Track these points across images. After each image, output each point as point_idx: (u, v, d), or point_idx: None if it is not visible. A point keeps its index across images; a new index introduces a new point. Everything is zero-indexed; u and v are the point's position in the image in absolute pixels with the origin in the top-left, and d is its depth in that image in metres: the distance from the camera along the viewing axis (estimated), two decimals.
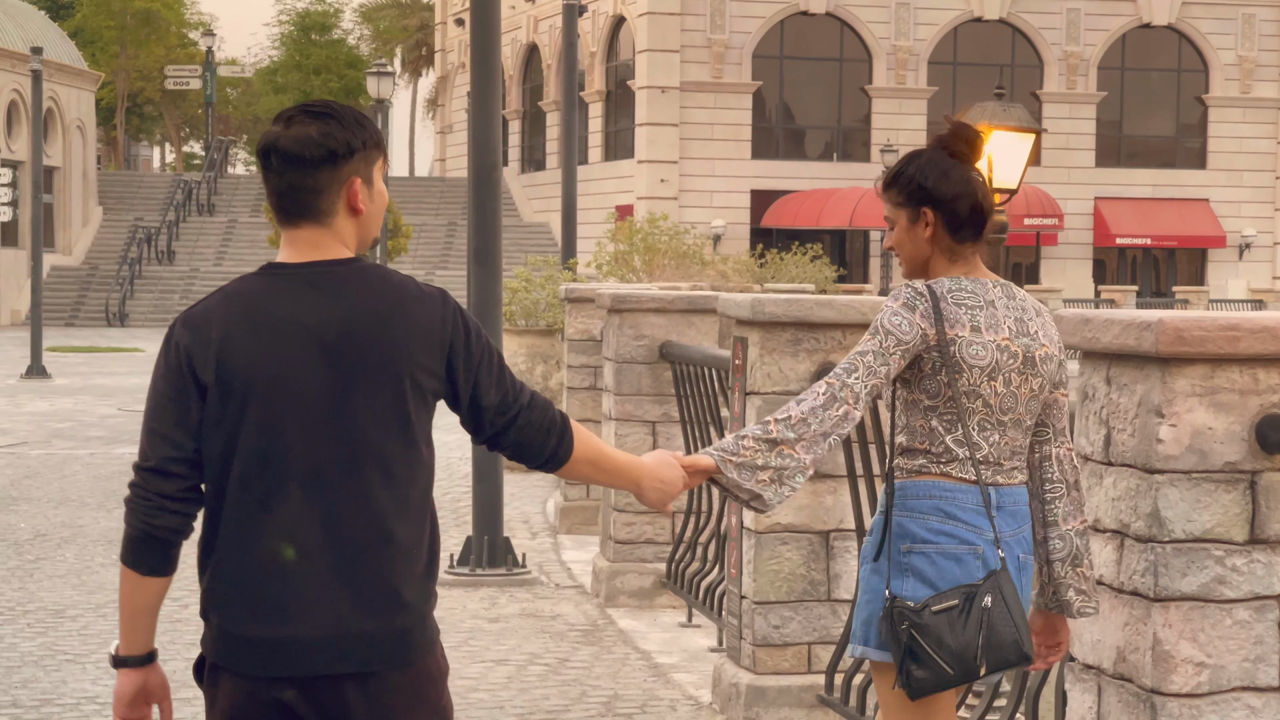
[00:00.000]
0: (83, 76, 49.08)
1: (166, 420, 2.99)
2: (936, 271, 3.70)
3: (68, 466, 14.24)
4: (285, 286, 3.00)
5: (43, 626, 7.79)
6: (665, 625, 7.89)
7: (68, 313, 43.62)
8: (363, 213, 3.06)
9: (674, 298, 8.32)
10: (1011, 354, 3.63)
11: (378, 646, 2.97)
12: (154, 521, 3.01)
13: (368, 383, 2.98)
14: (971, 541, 3.58)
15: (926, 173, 3.69)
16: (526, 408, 3.11)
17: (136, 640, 3.10)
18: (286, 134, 3.01)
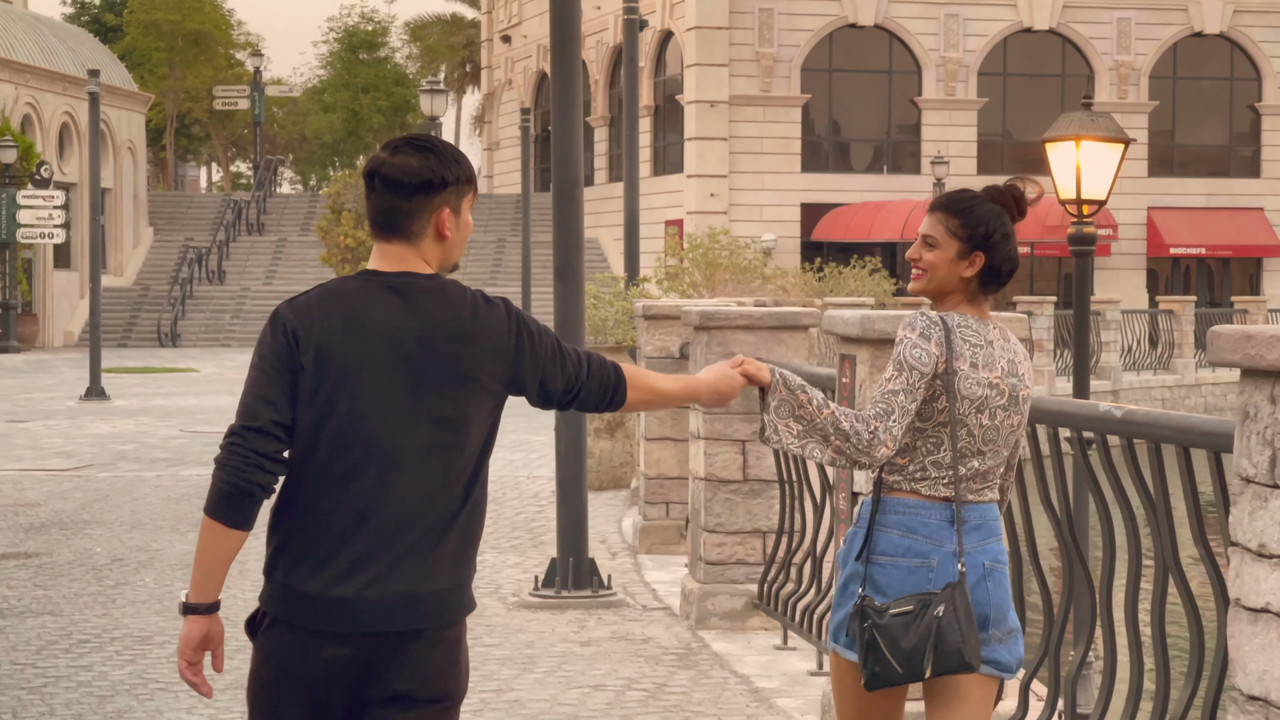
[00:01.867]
0: (133, 98, 49.36)
1: (273, 389, 3.34)
2: (953, 304, 3.98)
3: (136, 489, 14.20)
4: (376, 292, 3.40)
5: (131, 654, 7.70)
6: (760, 648, 7.75)
7: (120, 333, 43.80)
8: (448, 239, 3.46)
9: (763, 314, 8.19)
10: (1000, 391, 3.92)
11: (422, 609, 3.33)
12: (249, 477, 3.29)
13: (438, 383, 3.37)
14: (926, 555, 3.87)
15: (995, 226, 3.96)
16: (587, 378, 3.54)
17: (208, 589, 3.40)
18: (391, 161, 3.42)
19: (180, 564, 10.25)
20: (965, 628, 3.81)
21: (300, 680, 3.34)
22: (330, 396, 3.34)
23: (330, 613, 3.31)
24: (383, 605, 3.32)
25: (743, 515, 8.21)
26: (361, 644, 3.32)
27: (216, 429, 20.33)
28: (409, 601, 3.33)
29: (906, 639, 3.82)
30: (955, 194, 4.06)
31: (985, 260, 3.97)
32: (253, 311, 45.91)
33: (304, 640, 3.32)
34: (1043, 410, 5.01)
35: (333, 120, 61.58)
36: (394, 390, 3.36)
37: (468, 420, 3.40)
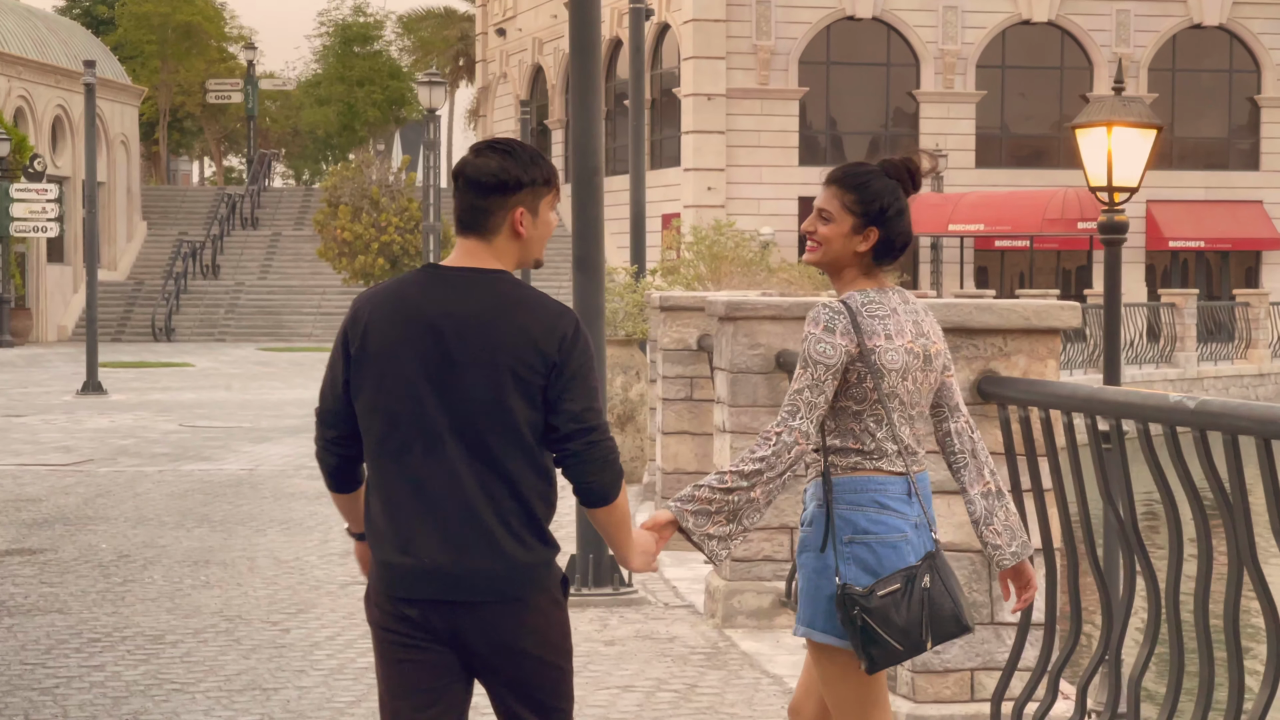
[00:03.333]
0: (126, 91, 49.05)
1: (328, 381, 3.73)
2: (849, 279, 4.07)
3: (138, 484, 13.98)
4: (430, 282, 3.66)
5: (144, 654, 7.49)
6: (790, 647, 7.54)
7: (114, 328, 43.52)
8: (523, 237, 3.68)
9: (790, 304, 7.98)
10: (915, 354, 4.04)
11: (482, 581, 3.59)
12: (321, 457, 3.79)
13: (474, 368, 3.59)
14: (903, 529, 3.99)
15: (890, 201, 4.03)
16: (596, 431, 3.60)
17: (354, 523, 3.86)
18: (473, 162, 3.67)
19: (188, 560, 10.04)
20: (955, 592, 3.97)
21: (388, 641, 3.66)
22: (374, 380, 3.63)
23: (398, 581, 3.62)
24: (441, 575, 3.59)
25: (770, 511, 8.00)
26: (430, 609, 3.61)
27: (216, 424, 20.12)
28: (467, 574, 3.60)
29: (900, 616, 3.91)
30: (851, 167, 4.09)
31: (879, 235, 4.03)
32: (247, 306, 45.66)
33: (386, 603, 3.65)
34: (1106, 401, 4.81)
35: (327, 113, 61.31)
36: (430, 373, 3.60)
37: (505, 406, 3.59)
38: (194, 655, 7.45)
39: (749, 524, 3.98)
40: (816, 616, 4.04)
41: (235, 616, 8.32)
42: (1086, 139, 9.43)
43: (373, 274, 34.24)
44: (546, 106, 53.62)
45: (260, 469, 15.20)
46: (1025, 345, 5.59)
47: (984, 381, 5.55)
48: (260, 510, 12.41)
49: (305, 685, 6.90)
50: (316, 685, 6.90)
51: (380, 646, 3.69)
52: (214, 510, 12.39)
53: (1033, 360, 5.59)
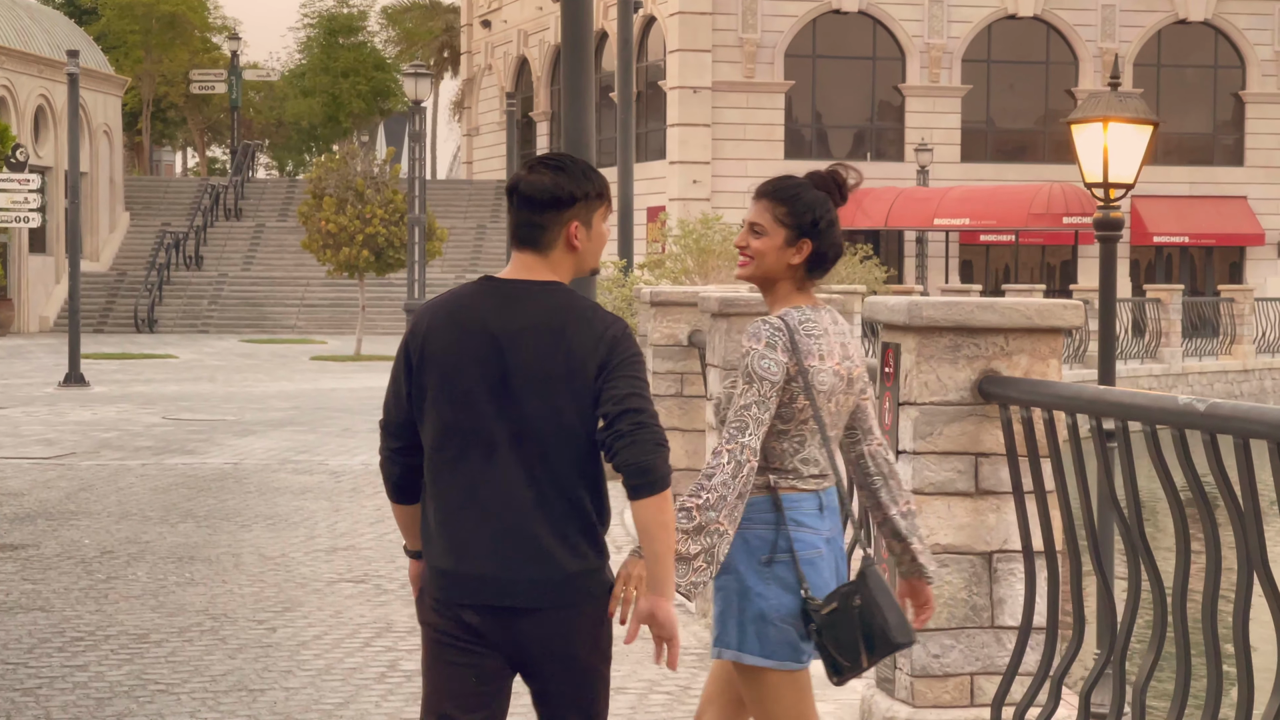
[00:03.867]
0: (109, 81, 48.80)
1: (390, 391, 3.81)
2: (783, 293, 4.09)
3: (122, 478, 13.85)
4: (486, 294, 3.74)
5: (128, 653, 7.37)
6: None
7: (96, 319, 43.31)
8: (578, 250, 3.76)
9: None
10: (840, 376, 4.07)
11: (535, 589, 3.65)
12: (387, 468, 3.85)
13: (531, 379, 3.66)
14: (818, 545, 4.05)
15: (821, 213, 4.07)
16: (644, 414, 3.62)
17: (413, 540, 3.92)
18: (527, 179, 3.75)
19: (172, 557, 9.92)
20: (885, 608, 3.97)
21: (442, 644, 3.74)
22: (435, 390, 3.72)
23: (453, 587, 3.71)
24: (494, 582, 3.67)
25: None
26: (487, 614, 3.68)
27: (200, 416, 19.99)
28: (520, 582, 3.67)
29: (842, 633, 3.97)
30: (780, 181, 4.12)
31: (812, 247, 4.06)
32: (230, 297, 45.47)
33: (442, 608, 3.73)
34: (1112, 403, 4.73)
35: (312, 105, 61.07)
36: (488, 384, 3.67)
37: (559, 415, 3.66)
38: (179, 655, 7.34)
39: (722, 556, 3.93)
40: (746, 639, 4.03)
41: (221, 615, 8.21)
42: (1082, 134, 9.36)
43: (357, 266, 34.08)
44: (531, 99, 53.47)
45: (245, 463, 15.08)
46: (1027, 345, 5.50)
47: (985, 381, 5.46)
48: (245, 505, 12.30)
49: (292, 686, 6.80)
50: (304, 686, 6.80)
51: (432, 648, 3.77)
52: (198, 505, 12.27)
53: (1035, 360, 5.51)
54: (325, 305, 45.01)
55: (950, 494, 5.53)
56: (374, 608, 8.43)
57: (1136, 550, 4.79)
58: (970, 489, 5.53)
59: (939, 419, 5.50)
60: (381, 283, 41.70)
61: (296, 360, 33.39)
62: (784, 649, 4.03)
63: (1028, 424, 5.27)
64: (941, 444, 5.51)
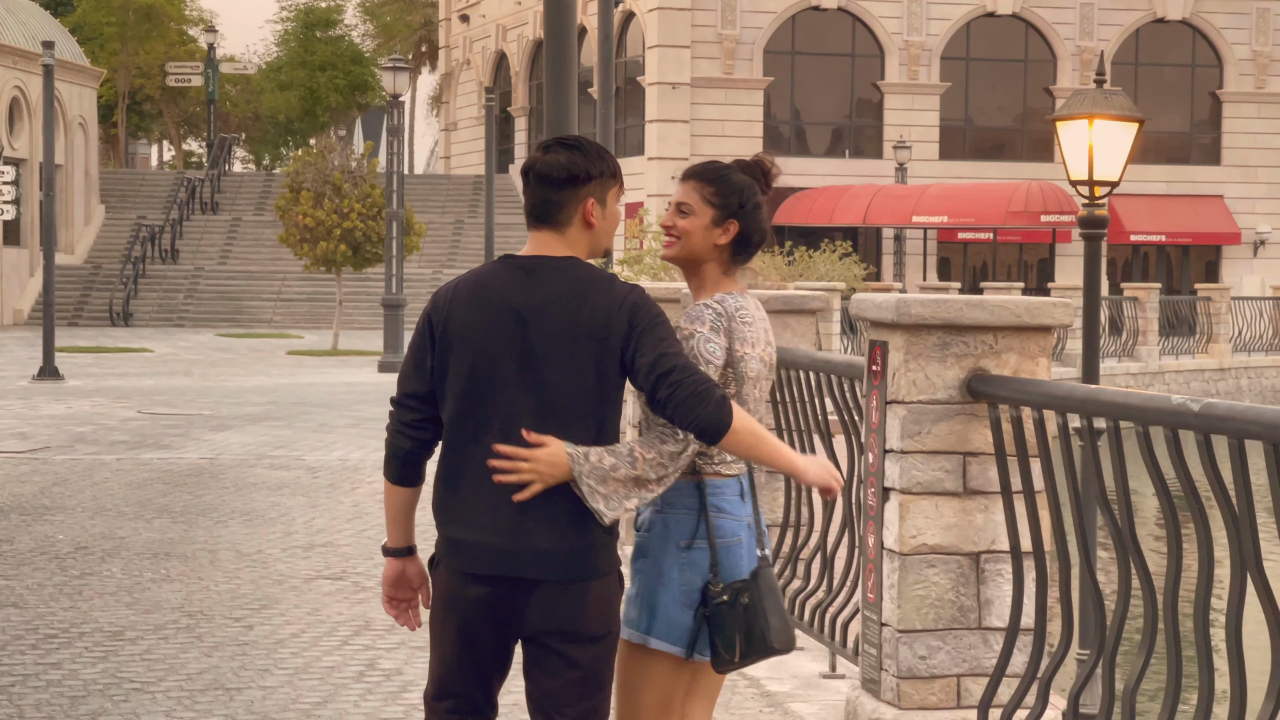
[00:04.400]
0: (85, 73, 48.53)
1: (410, 365, 3.87)
2: (709, 276, 4.11)
3: (96, 473, 13.74)
4: (507, 271, 3.84)
5: (102, 651, 7.28)
6: None
7: (71, 312, 43.08)
8: (595, 227, 3.86)
9: (769, 297, 7.82)
10: (765, 364, 4.14)
11: (547, 560, 3.72)
12: (396, 442, 3.89)
13: (554, 350, 3.74)
14: (738, 532, 4.04)
15: (748, 195, 4.10)
16: (676, 371, 3.69)
17: (396, 536, 3.97)
18: (543, 159, 3.84)
19: (148, 553, 9.82)
20: (770, 612, 3.95)
21: (454, 613, 3.81)
22: (458, 364, 3.79)
23: (468, 556, 3.77)
24: (508, 552, 3.74)
25: None
26: (499, 585, 3.75)
27: (176, 411, 19.86)
28: (533, 552, 3.73)
29: (726, 625, 3.97)
30: (708, 163, 4.16)
31: (738, 228, 4.09)
32: (207, 291, 45.26)
33: (455, 579, 3.80)
34: (1105, 403, 4.67)
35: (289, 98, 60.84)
36: (512, 356, 3.75)
37: (581, 388, 3.74)
38: (154, 653, 7.25)
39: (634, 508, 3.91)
40: (655, 624, 4.05)
41: (197, 612, 8.11)
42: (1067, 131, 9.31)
43: (334, 260, 33.93)
44: (510, 94, 53.34)
45: (221, 458, 14.97)
46: (1016, 343, 5.44)
47: (974, 380, 5.40)
48: (221, 501, 12.19)
49: (270, 685, 6.71)
50: (281, 685, 6.72)
51: (441, 620, 3.84)
52: (174, 501, 12.16)
53: (1024, 358, 5.44)
54: (302, 300, 44.84)
55: (938, 494, 5.46)
56: (352, 605, 8.35)
57: (1127, 550, 4.74)
58: (958, 489, 5.47)
59: (927, 418, 5.43)
60: (358, 277, 41.55)
61: (273, 355, 33.24)
62: (680, 635, 4.04)
63: (1017, 423, 5.21)
64: (929, 443, 5.44)
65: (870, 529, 5.83)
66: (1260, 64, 47.47)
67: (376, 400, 21.24)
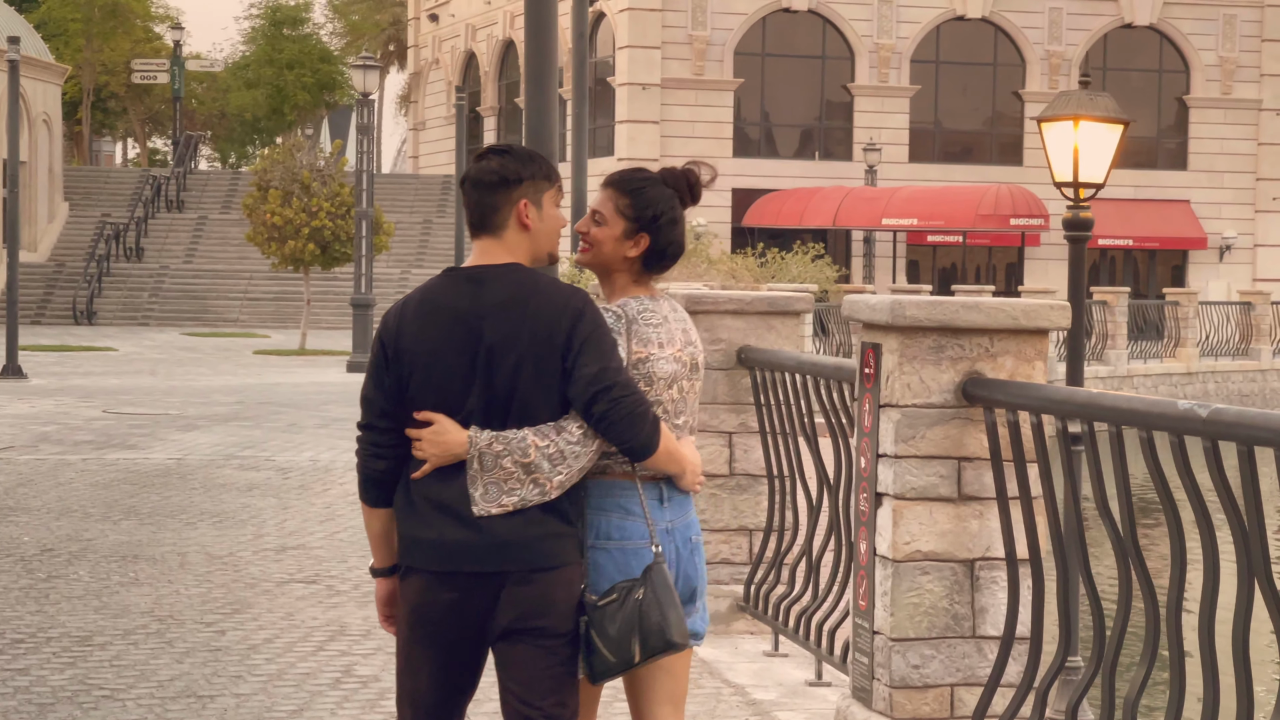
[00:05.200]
0: (49, 70, 48.14)
1: (370, 388, 3.94)
2: (620, 284, 4.12)
3: (61, 473, 13.53)
4: (453, 283, 3.92)
5: (70, 656, 7.11)
6: (749, 654, 7.28)
7: (34, 310, 42.69)
8: (530, 229, 3.90)
9: (753, 299, 7.71)
10: (683, 363, 4.12)
11: (509, 552, 3.81)
12: (372, 465, 3.94)
13: (505, 356, 3.82)
14: (646, 536, 4.00)
15: (664, 209, 4.09)
16: (616, 388, 3.79)
17: (383, 557, 4.03)
18: (476, 166, 3.96)
19: (115, 555, 9.64)
20: (667, 608, 3.89)
21: (425, 621, 3.87)
22: (413, 376, 3.87)
23: (437, 555, 3.83)
24: (471, 546, 3.82)
25: (728, 512, 7.74)
26: (466, 583, 3.82)
27: (141, 410, 19.63)
28: (490, 545, 3.81)
29: (613, 626, 3.90)
30: (629, 173, 4.16)
31: (650, 242, 4.09)
32: (172, 290, 44.92)
33: (427, 582, 3.85)
34: (1106, 408, 4.57)
35: (256, 96, 60.50)
36: (464, 364, 3.84)
37: (534, 391, 3.82)
38: (124, 659, 7.08)
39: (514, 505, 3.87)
40: None
41: (167, 617, 7.95)
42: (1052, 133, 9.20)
43: (302, 259, 33.69)
44: (479, 94, 53.14)
45: (189, 459, 14.78)
46: (1012, 346, 5.34)
47: (969, 383, 5.29)
48: (190, 502, 12.01)
49: (243, 692, 6.56)
50: (255, 693, 6.56)
51: (413, 627, 3.89)
52: (141, 502, 11.98)
53: (1020, 361, 5.34)
54: (268, 299, 44.54)
55: (932, 499, 5.35)
56: (326, 610, 8.19)
57: (1128, 557, 4.64)
58: (953, 494, 5.36)
59: (921, 422, 5.32)
60: (326, 277, 41.29)
61: (239, 354, 32.99)
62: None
63: (1014, 428, 5.11)
64: (924, 448, 5.33)
65: (862, 535, 5.72)
66: (1227, 70, 47.65)
67: (346, 400, 21.05)
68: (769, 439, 7.43)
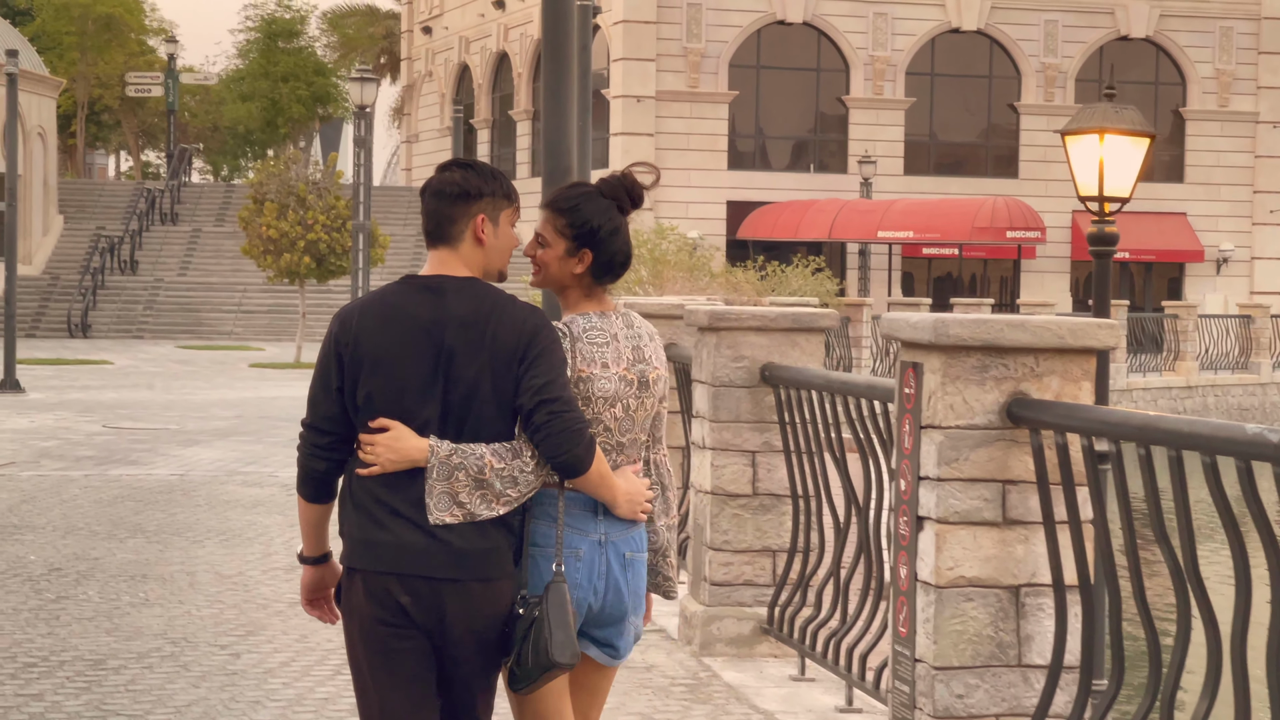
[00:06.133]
0: (44, 83, 47.99)
1: (319, 390, 3.97)
2: (572, 299, 4.18)
3: (65, 490, 13.37)
4: (412, 291, 3.97)
5: (85, 680, 6.96)
6: (775, 678, 7.14)
7: (29, 323, 42.50)
8: (485, 244, 3.99)
9: (777, 315, 7.58)
10: (629, 381, 4.14)
11: (465, 560, 3.88)
12: (311, 465, 4.00)
13: (465, 366, 3.89)
14: (577, 546, 4.06)
15: (602, 222, 4.14)
16: (559, 402, 3.86)
17: (312, 546, 4.11)
18: (438, 177, 4.02)
19: (123, 575, 9.49)
20: (556, 627, 3.94)
21: (376, 623, 3.88)
22: (370, 379, 3.91)
23: (385, 557, 3.87)
24: (424, 552, 3.86)
25: (752, 533, 7.61)
26: (416, 586, 3.86)
27: (142, 425, 19.48)
28: (445, 552, 3.87)
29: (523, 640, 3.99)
30: (564, 191, 4.21)
31: (593, 256, 4.14)
32: (166, 303, 44.74)
33: (373, 585, 3.88)
34: (1166, 430, 4.44)
35: (251, 109, 60.35)
36: (424, 373, 3.89)
37: (491, 402, 3.89)
38: (139, 683, 6.94)
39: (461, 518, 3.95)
40: None
41: (180, 639, 7.80)
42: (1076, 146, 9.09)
43: (298, 272, 33.55)
44: (472, 106, 53.04)
45: (192, 474, 14.62)
46: (1059, 366, 5.21)
47: (1014, 404, 5.17)
48: (196, 520, 11.86)
49: (262, 718, 6.42)
50: (275, 718, 6.42)
51: (367, 638, 3.90)
52: (147, 519, 11.82)
53: (1066, 382, 5.22)
54: (263, 311, 44.38)
55: (976, 524, 5.23)
56: (340, 632, 8.03)
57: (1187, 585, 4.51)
58: (997, 518, 5.23)
59: (965, 444, 5.19)
60: (321, 289, 41.15)
61: (235, 367, 32.82)
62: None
63: (1062, 450, 4.98)
64: (967, 470, 5.21)
65: (902, 559, 5.59)
66: (1223, 82, 47.63)
67: None
68: (794, 458, 7.31)
